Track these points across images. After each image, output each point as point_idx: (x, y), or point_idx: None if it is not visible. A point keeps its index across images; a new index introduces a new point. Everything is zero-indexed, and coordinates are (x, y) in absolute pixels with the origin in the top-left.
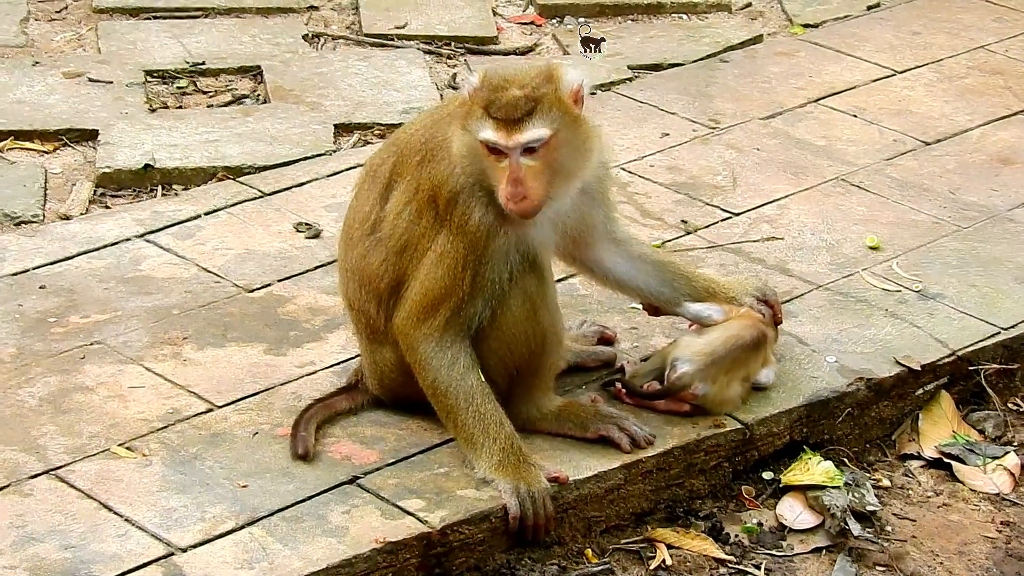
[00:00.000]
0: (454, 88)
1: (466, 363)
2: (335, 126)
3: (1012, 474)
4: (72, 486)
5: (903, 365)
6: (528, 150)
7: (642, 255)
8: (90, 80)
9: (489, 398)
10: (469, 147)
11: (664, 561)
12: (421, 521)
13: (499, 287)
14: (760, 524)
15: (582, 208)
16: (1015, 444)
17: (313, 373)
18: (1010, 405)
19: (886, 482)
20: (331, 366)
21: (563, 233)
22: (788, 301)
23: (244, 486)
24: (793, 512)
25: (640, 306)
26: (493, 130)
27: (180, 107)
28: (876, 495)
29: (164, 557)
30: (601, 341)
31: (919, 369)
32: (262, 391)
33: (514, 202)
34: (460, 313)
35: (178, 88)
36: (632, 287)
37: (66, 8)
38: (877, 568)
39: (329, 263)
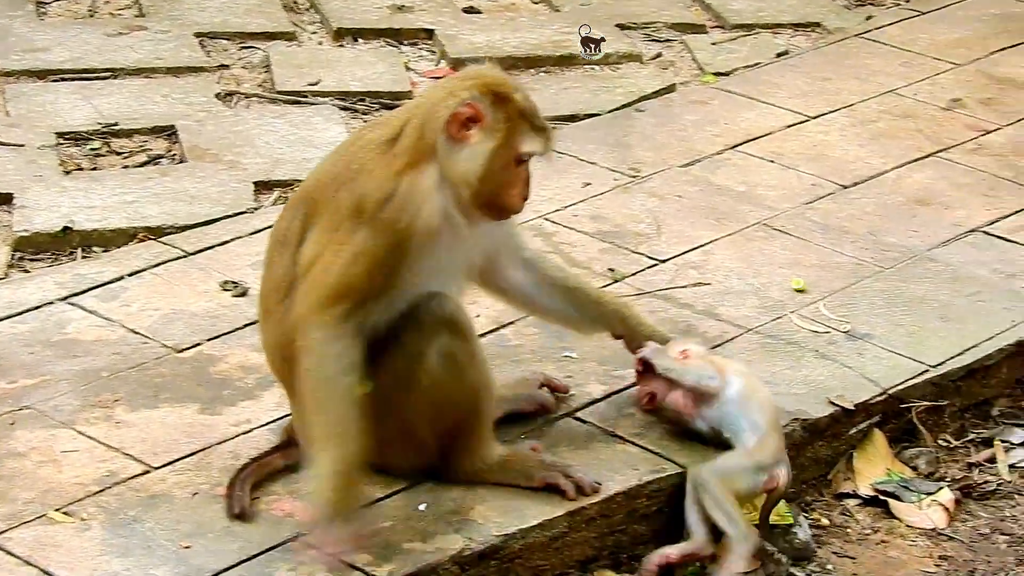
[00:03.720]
0: None
1: (350, 363)
2: (255, 184)
3: (947, 509)
4: (10, 553)
5: (836, 405)
6: None
7: (551, 279)
8: (0, 143)
9: (353, 407)
10: (504, 162)
11: None
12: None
13: (407, 294)
14: (703, 566)
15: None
16: (948, 480)
17: (249, 431)
18: (941, 441)
19: (824, 521)
20: (267, 424)
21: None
22: (720, 345)
23: (187, 547)
24: None
25: (573, 355)
26: (542, 141)
27: (95, 169)
28: (814, 535)
29: None
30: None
31: (852, 409)
32: (199, 451)
33: (523, 201)
34: (362, 307)
35: (92, 150)
36: (543, 310)
37: None
38: None
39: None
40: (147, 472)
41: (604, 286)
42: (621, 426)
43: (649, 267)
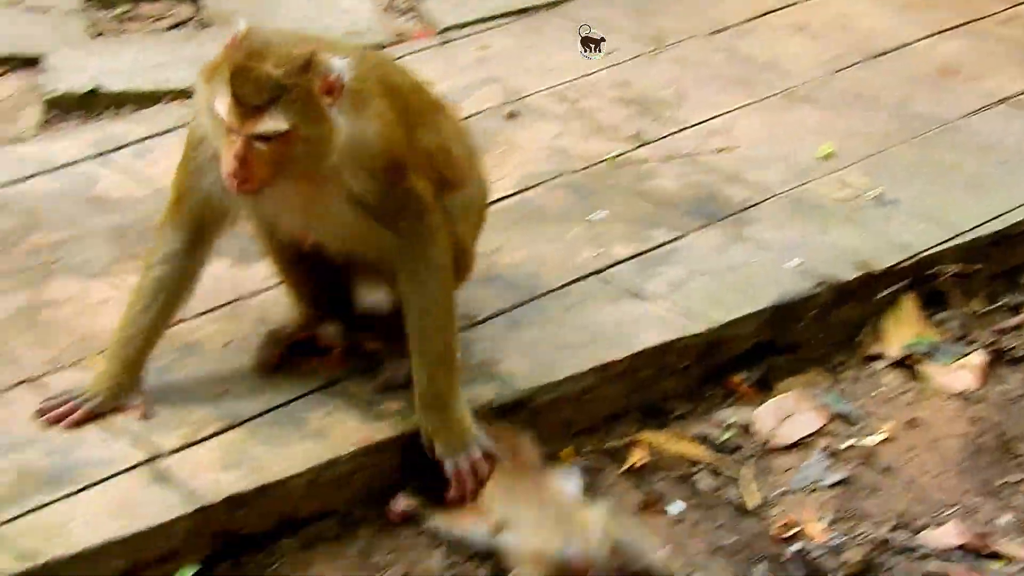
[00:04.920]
0: (400, 11)
1: (164, 254)
2: None
3: (977, 372)
4: None
5: (865, 269)
6: (260, 137)
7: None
8: (28, 8)
9: (147, 295)
10: (205, 101)
11: (639, 461)
12: (401, 421)
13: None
14: (733, 424)
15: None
16: (977, 343)
17: (280, 284)
18: (970, 307)
19: (853, 383)
20: None
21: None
22: (746, 209)
23: (222, 393)
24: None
25: (601, 216)
26: (229, 107)
27: (122, 32)
28: (846, 395)
29: (149, 460)
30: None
31: (881, 272)
32: (230, 302)
33: (232, 179)
34: (188, 209)
35: (120, 13)
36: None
37: None
38: (851, 464)
39: None
40: (181, 322)
41: (630, 151)
42: (649, 285)
43: (675, 132)
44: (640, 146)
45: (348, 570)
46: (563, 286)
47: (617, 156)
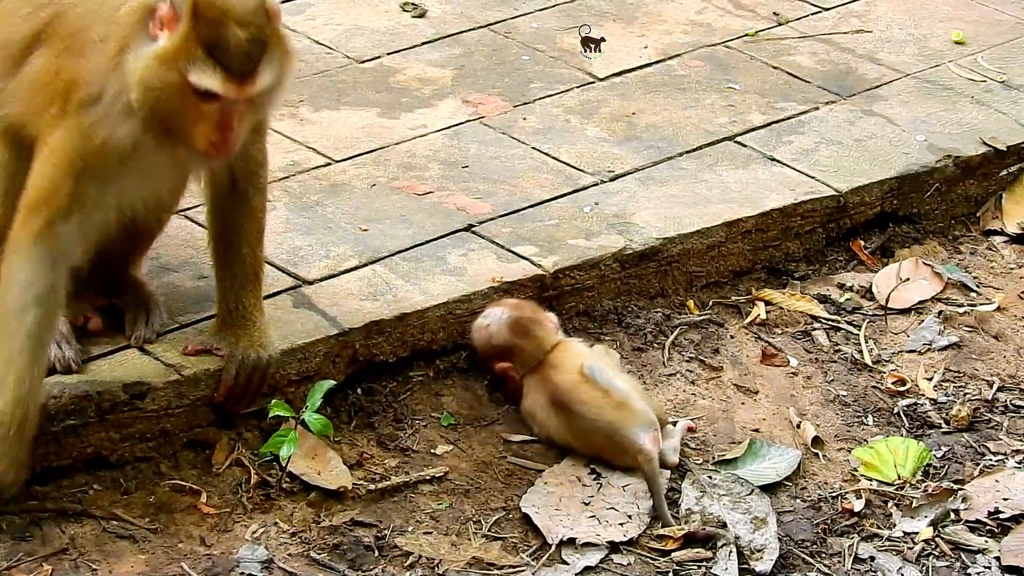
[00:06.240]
0: None
1: (36, 294)
2: None
3: None
4: (200, 224)
5: (989, 146)
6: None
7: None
8: None
9: (28, 352)
10: (167, 84)
11: (761, 315)
12: (535, 265)
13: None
14: (853, 286)
15: None
16: None
17: (425, 135)
18: None
19: (971, 255)
20: (442, 129)
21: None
22: (878, 87)
23: (365, 230)
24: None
25: (736, 86)
26: (220, 81)
27: None
28: (963, 266)
29: (293, 288)
30: None
31: (1005, 150)
32: (377, 149)
33: (217, 149)
34: (56, 226)
35: None
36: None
37: None
38: (963, 328)
39: (435, 40)
40: (329, 164)
41: (768, 28)
42: (780, 151)
43: (813, 13)
44: (778, 25)
45: (474, 402)
46: (698, 148)
47: (756, 32)
